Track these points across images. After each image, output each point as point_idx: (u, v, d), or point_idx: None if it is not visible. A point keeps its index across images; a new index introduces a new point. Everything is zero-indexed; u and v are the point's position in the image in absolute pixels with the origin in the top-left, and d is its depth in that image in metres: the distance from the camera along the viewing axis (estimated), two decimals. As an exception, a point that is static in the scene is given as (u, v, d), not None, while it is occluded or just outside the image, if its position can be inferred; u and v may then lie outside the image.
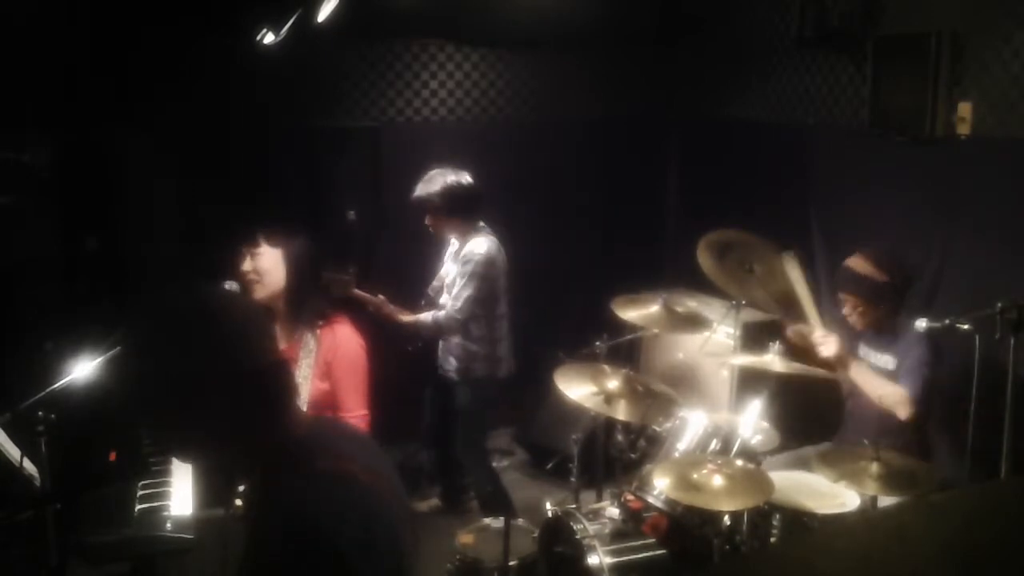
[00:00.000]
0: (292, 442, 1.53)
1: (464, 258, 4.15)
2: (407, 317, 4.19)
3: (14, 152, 4.14)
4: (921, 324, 3.19)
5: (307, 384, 3.19)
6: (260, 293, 3.15)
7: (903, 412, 3.36)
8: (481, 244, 4.16)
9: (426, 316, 4.19)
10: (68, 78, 4.31)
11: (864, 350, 3.70)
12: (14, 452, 2.59)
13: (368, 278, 4.25)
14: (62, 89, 4.30)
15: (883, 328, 3.63)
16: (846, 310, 3.65)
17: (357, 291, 4.08)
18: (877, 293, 3.57)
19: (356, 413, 3.25)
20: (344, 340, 3.25)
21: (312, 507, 1.43)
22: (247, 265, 3.17)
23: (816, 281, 4.77)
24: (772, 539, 3.17)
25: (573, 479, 3.98)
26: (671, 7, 5.61)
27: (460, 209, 4.17)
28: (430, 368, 4.42)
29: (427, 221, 4.22)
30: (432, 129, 5.30)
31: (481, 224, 4.25)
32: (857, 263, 3.62)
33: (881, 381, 3.48)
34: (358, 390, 3.26)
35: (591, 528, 3.32)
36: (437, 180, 4.14)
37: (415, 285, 4.57)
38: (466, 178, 4.19)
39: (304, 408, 3.13)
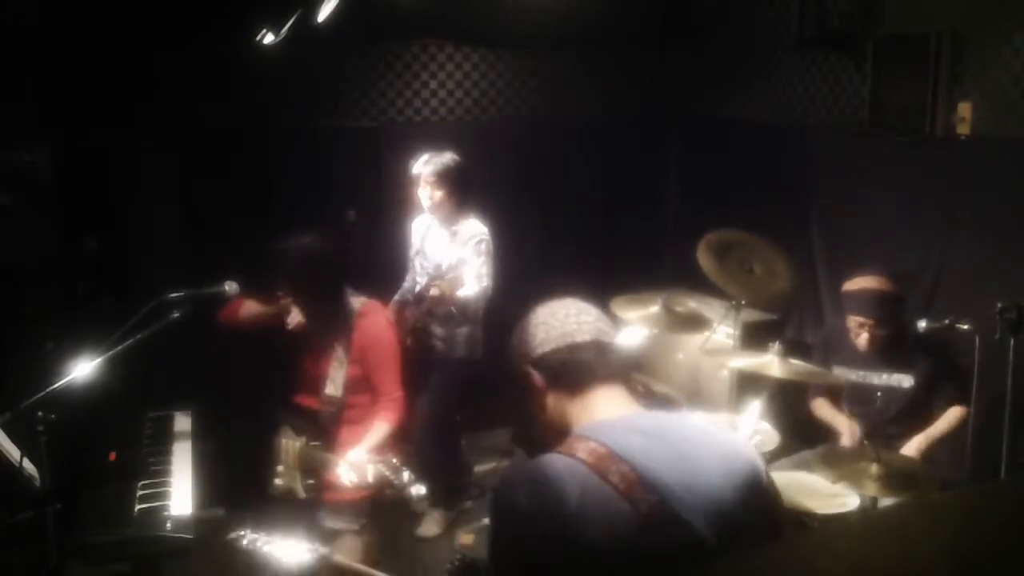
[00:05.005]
0: (581, 427, 1.62)
1: (474, 238, 4.17)
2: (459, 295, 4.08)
3: (14, 152, 4.13)
4: (921, 324, 3.18)
5: (342, 369, 3.35)
6: (296, 319, 3.47)
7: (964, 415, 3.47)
8: (479, 224, 4.22)
9: (468, 294, 4.09)
10: (68, 78, 4.31)
11: (863, 373, 3.65)
12: (14, 452, 2.58)
13: (367, 277, 4.24)
14: (62, 89, 4.30)
15: (893, 347, 3.57)
16: (858, 333, 3.57)
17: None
18: (896, 308, 3.56)
19: (392, 396, 3.39)
20: (375, 325, 3.41)
21: (509, 474, 1.55)
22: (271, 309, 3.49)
23: (815, 280, 4.77)
24: (772, 539, 3.16)
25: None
26: (671, 7, 5.61)
27: (466, 184, 4.21)
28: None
29: (430, 195, 4.18)
30: (432, 129, 5.30)
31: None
32: (871, 282, 3.55)
33: (938, 427, 3.55)
34: (392, 372, 3.40)
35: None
36: (446, 155, 4.19)
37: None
38: None
39: (341, 391, 3.34)
